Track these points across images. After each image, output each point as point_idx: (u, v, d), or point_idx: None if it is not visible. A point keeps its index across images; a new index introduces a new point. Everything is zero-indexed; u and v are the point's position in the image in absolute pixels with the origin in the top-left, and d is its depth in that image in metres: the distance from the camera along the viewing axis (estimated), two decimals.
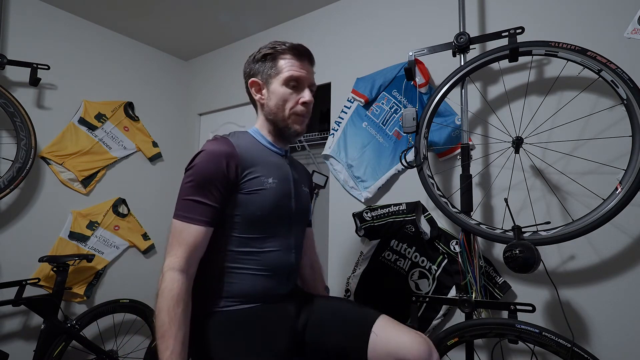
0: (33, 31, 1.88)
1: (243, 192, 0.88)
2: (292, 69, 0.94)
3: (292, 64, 0.95)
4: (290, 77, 0.94)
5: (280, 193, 0.92)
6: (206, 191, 0.83)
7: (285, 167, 1.00)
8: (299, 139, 1.08)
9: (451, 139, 1.43)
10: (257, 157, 0.93)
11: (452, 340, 1.05)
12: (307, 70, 0.97)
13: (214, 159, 0.85)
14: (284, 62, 0.95)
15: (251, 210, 0.88)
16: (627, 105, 0.96)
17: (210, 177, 0.83)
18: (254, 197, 0.88)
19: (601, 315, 1.13)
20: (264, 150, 0.98)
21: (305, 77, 0.96)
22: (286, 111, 0.95)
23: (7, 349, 1.64)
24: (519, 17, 1.34)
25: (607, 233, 1.11)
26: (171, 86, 2.56)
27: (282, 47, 0.95)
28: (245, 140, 0.96)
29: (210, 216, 0.83)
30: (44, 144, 1.88)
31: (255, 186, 0.89)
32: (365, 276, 1.54)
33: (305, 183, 1.09)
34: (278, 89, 0.95)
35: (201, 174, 0.84)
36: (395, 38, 1.67)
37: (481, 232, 1.14)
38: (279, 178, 0.94)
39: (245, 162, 0.89)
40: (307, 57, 0.98)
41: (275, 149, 1.00)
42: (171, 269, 0.78)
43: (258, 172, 0.90)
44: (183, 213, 0.83)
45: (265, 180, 0.90)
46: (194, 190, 0.83)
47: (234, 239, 0.88)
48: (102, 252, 2.06)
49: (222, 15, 2.07)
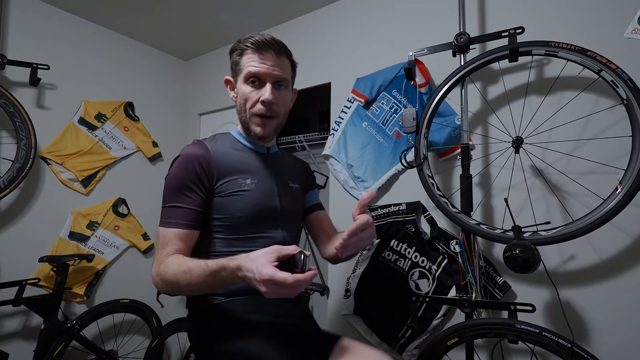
0: (33, 31, 1.88)
1: (220, 195, 0.87)
2: (252, 64, 0.88)
3: (252, 59, 0.88)
4: (248, 74, 0.88)
5: (261, 193, 0.91)
6: (182, 195, 0.84)
7: (267, 166, 0.98)
8: (266, 141, 0.99)
9: (451, 139, 1.43)
10: (235, 158, 0.92)
11: (452, 340, 1.05)
12: (271, 63, 0.89)
13: (187, 163, 0.85)
14: (245, 57, 0.89)
15: (231, 212, 0.88)
16: (627, 105, 0.96)
17: (184, 182, 0.84)
18: (232, 199, 0.88)
19: (601, 315, 1.13)
20: (243, 151, 0.96)
21: (266, 72, 0.88)
22: (247, 111, 0.91)
23: (7, 349, 1.64)
24: (519, 17, 1.34)
25: (607, 233, 1.11)
26: (171, 86, 2.56)
27: (245, 43, 0.89)
28: (224, 142, 0.95)
29: (188, 219, 0.83)
30: (44, 144, 1.88)
31: (233, 189, 0.88)
32: (365, 276, 1.54)
33: (294, 179, 1.06)
34: (240, 87, 0.91)
35: (176, 179, 0.85)
36: (395, 38, 1.67)
37: (481, 232, 1.14)
38: (259, 178, 0.93)
39: (221, 165, 0.88)
40: (271, 48, 0.89)
41: (255, 148, 0.99)
42: (157, 273, 0.81)
43: (235, 175, 0.89)
44: (164, 219, 0.84)
45: (243, 182, 0.89)
46: (171, 195, 0.84)
47: (219, 240, 0.88)
48: (102, 252, 2.06)
49: (222, 15, 2.07)
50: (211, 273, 0.72)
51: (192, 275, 0.73)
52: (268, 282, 0.62)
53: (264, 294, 0.64)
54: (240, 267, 0.68)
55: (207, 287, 0.75)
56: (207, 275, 0.72)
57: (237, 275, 0.69)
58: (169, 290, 0.80)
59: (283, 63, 0.92)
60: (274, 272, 0.62)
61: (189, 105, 2.63)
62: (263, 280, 0.62)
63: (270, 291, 0.63)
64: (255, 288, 0.66)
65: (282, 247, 0.69)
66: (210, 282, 0.72)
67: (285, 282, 0.61)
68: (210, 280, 0.72)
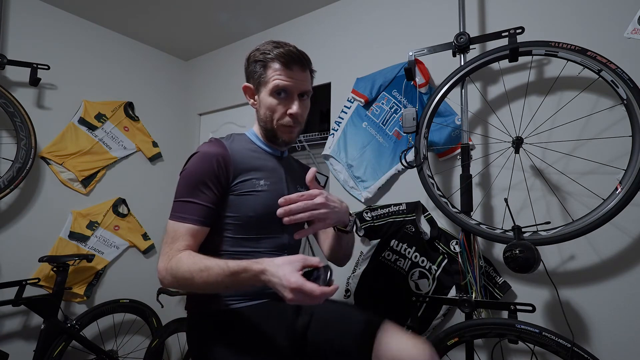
0: (33, 31, 1.88)
1: (235, 193, 0.89)
2: (279, 78, 0.89)
3: (280, 73, 0.90)
4: (277, 87, 0.90)
5: (273, 195, 0.92)
6: (198, 191, 0.84)
7: (280, 170, 1.00)
8: (294, 143, 1.06)
9: (451, 139, 1.43)
10: (251, 159, 0.93)
11: (452, 340, 1.05)
12: (298, 77, 0.91)
13: (206, 160, 0.86)
14: (271, 70, 0.91)
15: (243, 211, 0.89)
16: (627, 105, 0.96)
17: (202, 178, 0.85)
18: (245, 199, 0.89)
19: (601, 315, 1.13)
20: (258, 152, 0.98)
21: (294, 86, 0.91)
22: (274, 122, 0.93)
23: (7, 349, 1.64)
24: (519, 17, 1.34)
25: (607, 233, 1.11)
26: (171, 86, 2.56)
27: (271, 55, 0.90)
28: (240, 142, 0.96)
29: (202, 215, 0.84)
30: (44, 144, 1.88)
31: (247, 188, 0.89)
32: (365, 276, 1.53)
33: (302, 183, 1.08)
34: (266, 98, 0.92)
35: (193, 175, 0.85)
36: (395, 38, 1.67)
37: (481, 232, 1.14)
38: (272, 180, 0.94)
39: (238, 165, 0.89)
40: (298, 63, 0.91)
41: (270, 151, 1.01)
42: (165, 268, 0.80)
43: (250, 175, 0.91)
44: (176, 213, 0.84)
45: (257, 183, 0.91)
46: (187, 191, 0.85)
47: (228, 239, 0.89)
48: (102, 252, 2.06)
49: (221, 16, 2.07)
50: (231, 273, 0.72)
51: (210, 273, 0.74)
52: (295, 290, 0.64)
53: (287, 300, 0.66)
54: (264, 271, 0.69)
55: (224, 287, 0.76)
56: (226, 275, 0.72)
57: (260, 278, 0.70)
58: (178, 286, 0.80)
59: (307, 76, 0.95)
60: (303, 281, 0.64)
61: (189, 105, 2.63)
62: (291, 287, 0.64)
63: (295, 298, 0.65)
64: (279, 292, 0.67)
65: (307, 257, 0.71)
66: (228, 282, 0.73)
67: (313, 293, 0.63)
68: (228, 280, 0.73)
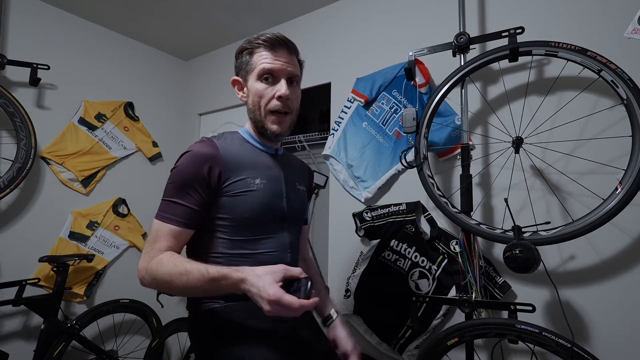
0: (33, 31, 1.88)
1: (228, 194, 0.86)
2: (265, 61, 0.88)
3: (265, 56, 0.88)
4: (263, 70, 0.88)
5: (269, 194, 0.91)
6: (185, 193, 0.83)
7: (276, 167, 0.98)
8: (280, 139, 1.01)
9: (451, 139, 1.43)
10: (244, 158, 0.92)
11: (452, 340, 1.05)
12: (285, 60, 0.90)
13: (195, 161, 0.84)
14: (257, 55, 0.89)
15: (238, 212, 0.87)
16: (627, 105, 0.96)
17: (190, 180, 0.83)
18: (240, 199, 0.87)
19: (601, 315, 1.13)
20: (252, 151, 0.96)
21: (280, 69, 0.89)
22: (262, 109, 0.91)
23: (7, 349, 1.64)
24: (519, 17, 1.34)
25: (607, 233, 1.11)
26: (171, 86, 2.56)
27: (257, 41, 0.89)
28: (232, 141, 0.95)
29: (186, 217, 0.83)
30: (44, 144, 1.88)
31: (241, 188, 0.87)
32: (365, 276, 1.54)
33: (300, 181, 1.06)
34: (253, 85, 0.91)
35: (181, 176, 0.84)
36: (395, 38, 1.67)
37: (481, 232, 1.14)
38: (268, 178, 0.92)
39: (229, 165, 0.87)
40: (284, 46, 0.90)
41: (264, 149, 0.99)
42: (145, 268, 0.79)
43: (244, 174, 0.89)
44: (161, 212, 0.84)
45: (251, 182, 0.89)
46: (174, 191, 0.84)
47: (225, 241, 0.87)
48: (102, 252, 2.06)
49: (222, 16, 2.07)
50: (210, 279, 0.72)
51: (189, 278, 0.73)
52: (273, 303, 0.64)
53: (265, 311, 0.65)
54: (244, 280, 0.69)
55: (203, 292, 0.75)
56: (205, 281, 0.72)
57: (239, 287, 0.70)
58: (156, 287, 0.79)
59: (294, 60, 0.94)
60: (281, 294, 0.64)
61: (189, 105, 2.64)
62: (269, 300, 0.64)
63: (273, 310, 0.64)
64: (257, 303, 0.67)
65: (288, 267, 0.70)
66: (207, 288, 0.73)
67: (291, 306, 0.63)
68: (207, 286, 0.72)
